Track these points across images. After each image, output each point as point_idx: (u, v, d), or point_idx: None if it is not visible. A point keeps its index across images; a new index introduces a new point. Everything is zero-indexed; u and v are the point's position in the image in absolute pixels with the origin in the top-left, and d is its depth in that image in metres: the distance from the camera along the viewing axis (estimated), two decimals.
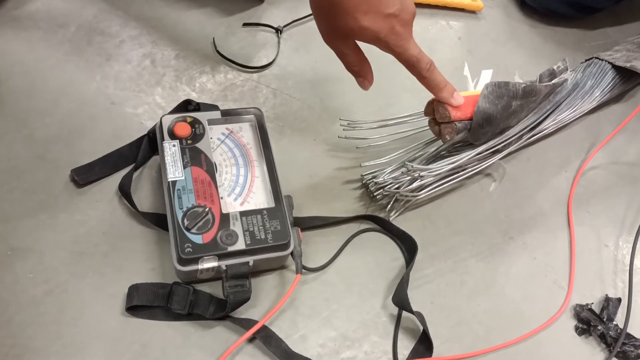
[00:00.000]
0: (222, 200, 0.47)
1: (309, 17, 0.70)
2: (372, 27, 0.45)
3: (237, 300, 0.45)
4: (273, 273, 0.50)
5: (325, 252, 0.52)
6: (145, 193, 0.52)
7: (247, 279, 0.45)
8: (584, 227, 0.60)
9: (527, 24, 0.79)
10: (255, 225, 0.46)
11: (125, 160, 0.53)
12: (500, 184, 0.61)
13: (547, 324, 0.52)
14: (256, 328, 0.44)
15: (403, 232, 0.54)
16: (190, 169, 0.47)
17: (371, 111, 0.63)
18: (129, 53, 0.61)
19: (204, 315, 0.46)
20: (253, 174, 0.49)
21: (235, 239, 0.45)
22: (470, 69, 0.59)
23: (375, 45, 0.47)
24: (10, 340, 0.43)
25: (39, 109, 0.55)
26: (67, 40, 0.60)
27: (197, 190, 0.46)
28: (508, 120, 0.56)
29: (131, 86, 0.59)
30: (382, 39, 0.46)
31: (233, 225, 0.46)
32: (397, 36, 0.46)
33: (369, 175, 0.57)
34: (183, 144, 0.49)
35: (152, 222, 0.50)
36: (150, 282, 0.47)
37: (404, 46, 0.47)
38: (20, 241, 0.47)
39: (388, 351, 0.48)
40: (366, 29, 0.45)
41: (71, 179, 0.51)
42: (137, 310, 0.46)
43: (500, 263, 0.56)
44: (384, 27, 0.45)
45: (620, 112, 0.71)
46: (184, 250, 0.44)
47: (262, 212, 0.47)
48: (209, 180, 0.47)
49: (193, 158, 0.48)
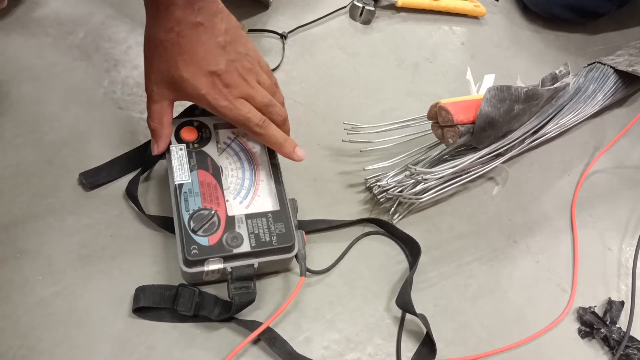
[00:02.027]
0: (228, 203, 0.47)
1: (313, 24, 0.71)
2: (191, 81, 0.44)
3: (242, 301, 0.45)
4: (277, 275, 0.50)
5: (329, 255, 0.53)
6: (151, 196, 0.53)
7: (252, 281, 0.46)
8: (587, 231, 0.60)
9: (530, 29, 0.80)
10: (260, 227, 0.46)
11: (132, 164, 0.53)
12: (504, 187, 0.61)
13: (550, 326, 0.52)
14: (261, 329, 0.45)
15: (407, 235, 0.54)
16: (197, 172, 0.48)
17: (374, 115, 0.64)
18: (136, 59, 0.62)
19: (210, 317, 0.46)
20: (258, 177, 0.50)
21: (240, 241, 0.45)
22: (473, 74, 0.60)
23: (200, 104, 0.46)
24: (18, 341, 0.43)
25: (48, 113, 0.55)
26: (76, 47, 0.61)
27: (204, 193, 0.47)
28: (510, 124, 0.56)
29: (138, 91, 0.59)
30: (203, 95, 0.45)
31: (238, 227, 0.46)
32: (220, 95, 0.45)
33: (372, 179, 0.57)
34: (190, 148, 0.49)
35: (158, 225, 0.50)
36: (156, 284, 0.47)
37: (228, 106, 0.45)
38: (29, 244, 0.48)
39: (391, 353, 0.48)
40: (186, 81, 0.44)
41: (79, 182, 0.52)
42: (143, 312, 0.46)
43: (503, 266, 0.56)
44: (205, 83, 0.44)
45: (623, 116, 0.71)
46: (190, 252, 0.44)
47: (267, 215, 0.47)
48: (215, 183, 0.48)
49: (199, 161, 0.49)
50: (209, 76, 0.44)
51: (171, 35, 0.43)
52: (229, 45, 0.45)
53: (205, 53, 0.44)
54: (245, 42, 0.47)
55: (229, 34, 0.45)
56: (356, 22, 0.74)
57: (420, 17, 0.77)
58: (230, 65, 0.45)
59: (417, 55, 0.72)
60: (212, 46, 0.44)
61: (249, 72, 0.46)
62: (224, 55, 0.45)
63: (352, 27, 0.73)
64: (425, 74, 0.70)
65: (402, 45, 0.73)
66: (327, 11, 0.73)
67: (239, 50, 0.46)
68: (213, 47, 0.44)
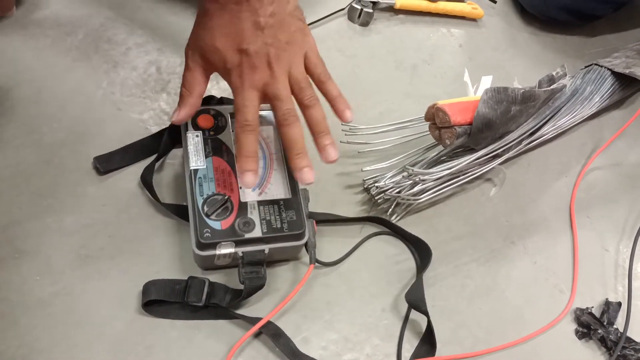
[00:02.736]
0: (241, 190, 0.48)
1: (311, 25, 0.71)
2: (222, 52, 0.45)
3: (252, 286, 0.46)
4: (285, 265, 0.51)
5: (334, 249, 0.53)
6: (164, 184, 0.53)
7: (263, 266, 0.47)
8: (584, 232, 0.61)
9: (527, 32, 0.80)
10: (272, 214, 0.47)
11: (146, 151, 0.54)
12: (501, 188, 0.61)
13: (547, 327, 0.52)
14: (272, 315, 0.46)
15: (416, 237, 0.54)
16: (212, 158, 0.49)
17: (373, 116, 0.64)
18: (135, 60, 0.62)
19: (221, 305, 0.47)
20: (271, 166, 0.51)
21: (252, 226, 0.46)
22: (470, 76, 0.60)
23: (223, 77, 0.47)
24: (17, 341, 0.43)
25: (47, 114, 0.56)
26: (75, 48, 0.61)
27: (218, 179, 0.48)
28: (507, 125, 0.57)
29: (137, 92, 0.60)
30: (228, 70, 0.45)
31: (251, 213, 0.47)
32: (240, 75, 0.45)
33: (370, 180, 0.58)
34: (206, 135, 0.50)
35: (172, 212, 0.51)
36: (165, 278, 0.48)
37: (238, 89, 0.45)
38: (28, 244, 0.48)
39: (389, 354, 0.48)
40: (218, 51, 0.45)
41: (93, 166, 0.53)
42: (152, 308, 0.46)
43: (501, 267, 0.56)
44: (233, 58, 0.45)
45: (620, 118, 0.71)
46: (203, 235, 0.45)
47: (279, 202, 0.48)
48: (229, 170, 0.49)
49: (215, 148, 0.50)
50: (238, 53, 0.45)
51: (215, 5, 0.44)
52: (268, 28, 0.45)
53: (241, 29, 0.44)
54: (293, 30, 0.46)
55: (274, 17, 0.45)
56: (354, 24, 0.74)
57: (418, 19, 0.77)
58: (263, 48, 0.45)
59: (415, 57, 0.73)
60: (249, 24, 0.44)
61: (278, 60, 0.45)
62: (260, 37, 0.45)
63: (351, 29, 0.74)
64: (423, 76, 0.71)
65: (400, 47, 0.73)
66: (325, 13, 0.73)
67: (279, 36, 0.45)
68: (250, 25, 0.44)
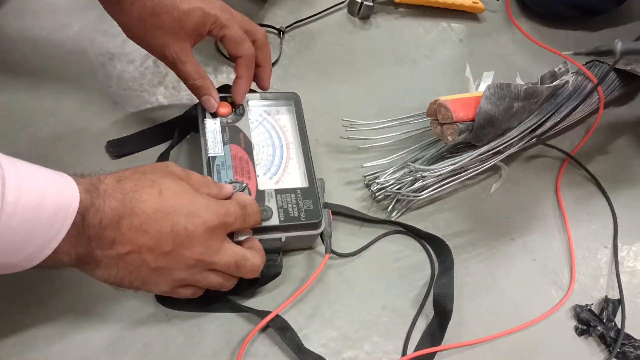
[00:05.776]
0: (258, 178, 0.48)
1: (311, 19, 0.71)
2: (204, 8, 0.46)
3: (269, 273, 0.46)
4: (300, 255, 0.51)
5: (346, 242, 0.53)
6: None
7: (279, 254, 0.47)
8: (583, 229, 0.60)
9: (529, 26, 0.80)
10: (289, 203, 0.47)
11: (160, 137, 0.54)
12: (502, 185, 0.61)
13: (547, 324, 0.52)
14: (288, 303, 0.46)
15: (431, 234, 0.54)
16: (230, 146, 0.49)
17: (373, 112, 0.63)
18: (132, 53, 0.61)
19: (239, 292, 0.47)
20: (288, 155, 0.51)
21: (269, 214, 0.46)
22: (472, 71, 0.60)
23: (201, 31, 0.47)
24: (13, 339, 0.43)
25: (43, 108, 0.55)
26: (70, 40, 0.60)
27: (235, 167, 0.48)
28: (509, 122, 0.56)
29: (134, 86, 0.59)
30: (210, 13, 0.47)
31: (268, 201, 0.47)
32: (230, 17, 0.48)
33: (371, 176, 0.57)
34: (223, 123, 0.51)
35: None
36: None
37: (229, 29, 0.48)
38: None
39: (389, 351, 0.48)
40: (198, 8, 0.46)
41: (106, 150, 0.53)
42: (166, 301, 0.46)
43: (500, 264, 0.56)
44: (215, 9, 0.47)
45: (621, 114, 0.71)
46: None
47: (296, 191, 0.48)
48: (246, 158, 0.49)
49: (232, 136, 0.50)
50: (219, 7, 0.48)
51: None
52: None
53: None
54: None
55: None
56: (354, 18, 0.73)
57: (418, 13, 0.76)
58: None
59: (415, 52, 0.72)
60: None
61: None
62: None
63: (351, 23, 0.73)
64: (423, 71, 0.70)
65: (400, 42, 0.73)
66: (325, 6, 0.72)
67: None
68: None
